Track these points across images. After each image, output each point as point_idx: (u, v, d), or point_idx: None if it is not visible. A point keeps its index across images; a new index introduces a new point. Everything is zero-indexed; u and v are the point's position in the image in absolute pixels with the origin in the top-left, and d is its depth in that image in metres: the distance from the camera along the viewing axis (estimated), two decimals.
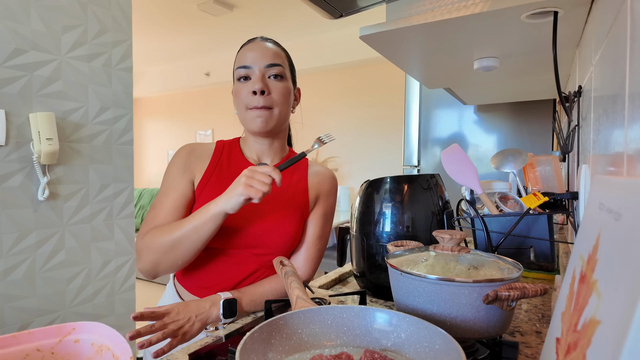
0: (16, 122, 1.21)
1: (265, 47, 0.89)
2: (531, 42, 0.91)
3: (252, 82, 0.86)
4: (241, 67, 0.88)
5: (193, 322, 0.74)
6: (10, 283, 1.23)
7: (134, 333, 0.66)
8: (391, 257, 0.65)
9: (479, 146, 2.32)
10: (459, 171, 0.98)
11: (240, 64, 0.88)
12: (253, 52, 0.88)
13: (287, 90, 0.90)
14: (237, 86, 0.89)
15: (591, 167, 0.68)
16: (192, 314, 0.74)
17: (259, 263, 0.89)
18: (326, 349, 0.53)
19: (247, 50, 0.89)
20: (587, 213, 0.40)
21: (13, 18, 1.19)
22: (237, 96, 0.89)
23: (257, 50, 0.88)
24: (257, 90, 0.85)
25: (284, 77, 0.89)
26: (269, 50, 0.89)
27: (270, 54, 0.88)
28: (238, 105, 0.90)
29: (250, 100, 0.86)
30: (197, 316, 0.75)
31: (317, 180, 0.97)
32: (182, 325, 0.72)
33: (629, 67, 0.39)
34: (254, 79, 0.86)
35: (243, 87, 0.87)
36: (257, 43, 0.90)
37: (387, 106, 4.11)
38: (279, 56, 0.90)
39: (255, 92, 0.85)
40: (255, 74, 0.87)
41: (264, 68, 0.87)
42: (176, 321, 0.72)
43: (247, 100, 0.87)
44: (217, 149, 0.93)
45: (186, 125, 5.77)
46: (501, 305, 0.52)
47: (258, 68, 0.87)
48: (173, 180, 0.89)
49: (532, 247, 1.03)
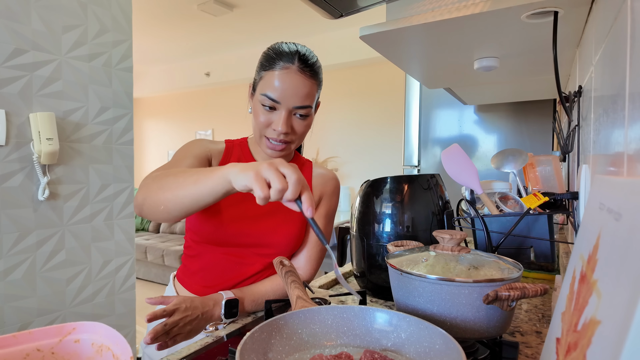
0: (16, 122, 1.21)
1: (300, 82, 0.80)
2: (531, 42, 0.91)
3: (277, 119, 0.81)
4: (268, 97, 0.80)
5: (199, 320, 0.74)
6: (10, 283, 1.23)
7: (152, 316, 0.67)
8: (391, 257, 0.65)
9: (479, 146, 2.32)
10: (459, 171, 0.98)
11: (269, 91, 0.80)
12: (285, 86, 0.80)
13: (308, 126, 0.87)
14: (258, 106, 0.83)
15: (591, 167, 0.68)
16: (198, 312, 0.74)
17: (262, 263, 0.89)
18: (326, 349, 0.53)
19: (280, 78, 0.80)
20: (587, 213, 0.40)
21: (13, 18, 1.19)
22: (255, 113, 0.85)
23: (291, 86, 0.80)
24: (281, 132, 0.81)
25: (310, 115, 0.86)
26: (304, 87, 0.81)
27: (304, 94, 0.81)
28: (255, 120, 0.86)
29: (269, 133, 0.83)
30: (203, 314, 0.75)
31: (321, 181, 0.97)
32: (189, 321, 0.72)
33: (629, 67, 0.39)
34: (279, 118, 0.81)
35: (264, 114, 0.82)
36: (293, 75, 0.80)
37: (387, 106, 4.11)
38: (310, 95, 0.83)
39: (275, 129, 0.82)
40: (282, 112, 0.81)
41: (292, 108, 0.81)
42: (185, 317, 0.72)
43: (267, 131, 0.84)
44: (227, 150, 0.93)
45: (186, 125, 5.77)
46: (501, 305, 0.52)
47: (286, 107, 0.81)
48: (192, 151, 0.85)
49: (532, 247, 1.04)
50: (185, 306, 0.72)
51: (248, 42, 4.35)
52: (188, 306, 0.73)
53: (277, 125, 0.81)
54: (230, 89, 5.28)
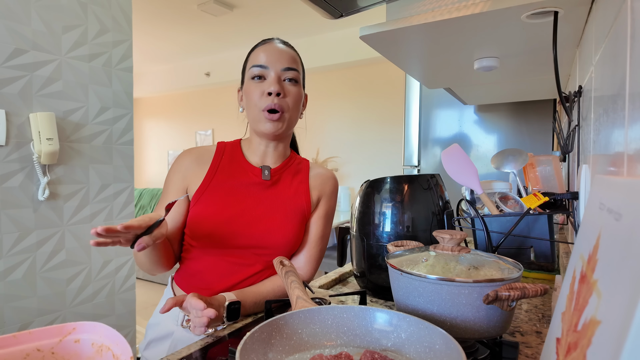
0: (16, 122, 1.21)
1: (282, 49, 0.88)
2: (531, 42, 0.91)
3: (268, 82, 0.86)
4: (256, 65, 0.87)
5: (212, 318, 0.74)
6: (10, 283, 1.23)
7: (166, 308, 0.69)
8: (391, 257, 0.65)
9: (479, 146, 2.32)
10: (459, 171, 0.98)
11: (256, 62, 0.87)
12: (270, 52, 0.87)
13: (299, 95, 0.91)
14: (249, 85, 0.88)
15: (591, 167, 0.68)
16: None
17: (261, 263, 0.89)
18: (326, 349, 0.53)
19: (263, 50, 0.88)
20: (588, 213, 0.40)
21: (13, 18, 1.19)
22: (248, 95, 0.88)
23: (275, 51, 0.87)
24: (273, 92, 0.84)
25: (298, 82, 0.90)
26: (287, 53, 0.88)
27: (288, 58, 0.88)
28: (249, 104, 0.89)
29: (264, 101, 0.86)
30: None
31: (319, 182, 0.97)
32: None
33: (629, 67, 0.39)
34: (270, 80, 0.86)
35: (257, 87, 0.87)
36: (274, 44, 0.89)
37: (387, 106, 4.11)
38: (295, 61, 0.89)
39: (270, 93, 0.85)
40: (270, 75, 0.86)
41: (280, 71, 0.87)
42: None
43: (261, 101, 0.86)
44: (218, 151, 0.93)
45: (186, 125, 5.77)
46: (501, 305, 0.52)
47: (274, 70, 0.86)
48: (171, 188, 0.91)
49: (532, 247, 1.04)
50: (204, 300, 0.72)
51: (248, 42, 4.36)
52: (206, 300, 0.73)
53: (269, 87, 0.85)
54: (230, 89, 5.28)
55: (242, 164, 0.92)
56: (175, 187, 0.91)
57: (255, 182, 0.90)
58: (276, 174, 0.93)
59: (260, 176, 0.91)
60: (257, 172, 0.91)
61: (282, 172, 0.94)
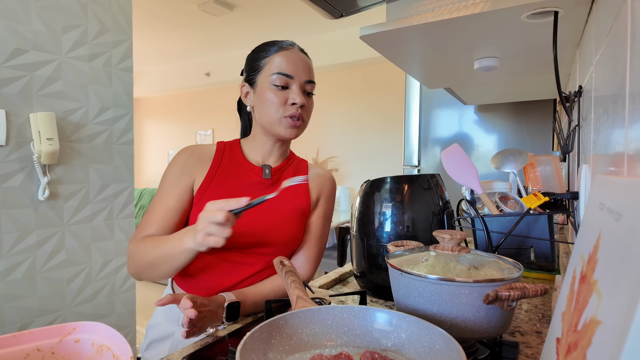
0: (16, 122, 1.21)
1: (305, 60, 0.90)
2: (531, 42, 0.91)
3: (293, 93, 0.87)
4: (282, 74, 0.86)
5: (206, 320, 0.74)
6: (10, 283, 1.23)
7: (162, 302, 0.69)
8: (391, 257, 0.65)
9: (479, 146, 2.32)
10: (459, 171, 0.98)
11: (281, 70, 0.86)
12: (295, 62, 0.87)
13: (313, 104, 0.94)
14: (268, 89, 0.87)
15: (591, 167, 0.68)
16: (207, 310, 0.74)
17: (261, 263, 0.89)
18: (326, 349, 0.53)
19: (287, 57, 0.87)
20: (588, 213, 0.40)
21: (13, 18, 1.19)
22: (266, 99, 0.87)
23: (299, 62, 0.88)
24: (299, 104, 0.86)
25: (313, 94, 0.93)
26: (308, 64, 0.90)
27: (309, 69, 0.90)
28: (266, 108, 0.88)
29: (287, 110, 0.87)
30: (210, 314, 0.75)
31: (318, 182, 0.97)
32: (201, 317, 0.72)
33: (630, 67, 0.39)
34: (294, 91, 0.87)
35: (279, 95, 0.87)
36: (297, 53, 0.89)
37: (387, 106, 4.11)
38: (312, 72, 0.92)
39: (294, 103, 0.86)
40: (295, 85, 0.87)
41: (303, 82, 0.88)
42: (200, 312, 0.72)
43: (284, 109, 0.87)
44: (218, 151, 0.93)
45: (186, 125, 5.77)
46: (501, 305, 0.52)
47: (299, 81, 0.87)
48: (170, 184, 0.88)
49: (532, 247, 1.03)
50: (199, 302, 0.72)
51: (248, 42, 4.36)
52: (201, 302, 0.73)
53: (294, 98, 0.86)
54: (230, 89, 5.27)
55: (243, 163, 0.92)
56: (175, 183, 0.88)
57: (256, 182, 0.91)
58: (276, 173, 0.93)
59: (261, 175, 0.91)
60: (257, 171, 0.91)
61: (282, 172, 0.94)
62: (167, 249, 0.76)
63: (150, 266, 0.80)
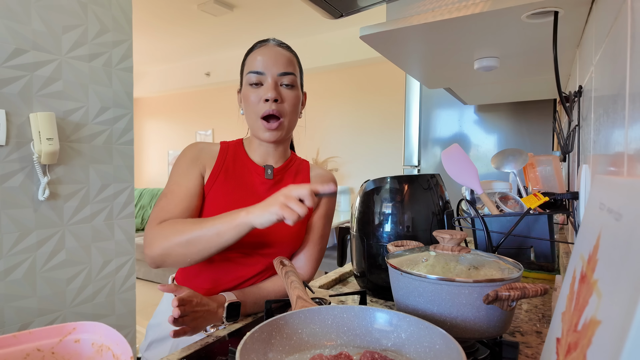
0: (16, 122, 1.21)
1: (278, 52, 0.86)
2: (531, 42, 0.91)
3: (265, 89, 0.85)
4: (253, 72, 0.85)
5: (204, 319, 0.74)
6: (10, 283, 1.23)
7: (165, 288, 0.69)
8: (391, 257, 0.65)
9: (479, 146, 2.32)
10: (459, 171, 0.98)
11: (252, 68, 0.86)
12: (266, 57, 0.85)
13: (297, 99, 0.89)
14: (247, 90, 0.87)
15: (591, 167, 0.68)
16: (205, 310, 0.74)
17: (263, 263, 0.89)
18: (326, 349, 0.53)
19: (259, 54, 0.86)
20: (588, 213, 0.40)
21: (13, 18, 1.19)
22: (246, 100, 0.88)
23: (271, 55, 0.85)
24: (270, 99, 0.83)
25: (295, 86, 0.88)
26: (283, 56, 0.86)
27: (284, 62, 0.86)
28: (247, 110, 0.88)
29: (261, 108, 0.85)
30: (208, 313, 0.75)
31: (320, 182, 0.97)
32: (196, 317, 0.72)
33: (630, 67, 0.39)
34: (267, 86, 0.85)
35: (254, 93, 0.85)
36: (270, 47, 0.87)
37: (387, 106, 4.11)
38: (291, 64, 0.88)
39: (267, 99, 0.84)
40: (267, 81, 0.85)
41: (277, 76, 0.85)
42: (195, 312, 0.72)
43: (258, 108, 0.85)
44: (222, 151, 0.93)
45: (186, 125, 5.77)
46: (501, 305, 0.52)
47: (271, 75, 0.85)
48: (185, 170, 0.87)
49: (532, 247, 1.03)
50: (196, 301, 0.72)
51: (248, 42, 4.36)
52: (199, 302, 0.73)
53: (265, 93, 0.84)
54: (230, 89, 5.28)
55: (246, 162, 0.92)
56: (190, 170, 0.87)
57: (259, 181, 0.91)
58: (278, 173, 0.93)
59: (264, 175, 0.91)
60: (260, 171, 0.92)
61: (284, 172, 0.95)
62: (216, 225, 0.72)
63: (187, 242, 0.74)
